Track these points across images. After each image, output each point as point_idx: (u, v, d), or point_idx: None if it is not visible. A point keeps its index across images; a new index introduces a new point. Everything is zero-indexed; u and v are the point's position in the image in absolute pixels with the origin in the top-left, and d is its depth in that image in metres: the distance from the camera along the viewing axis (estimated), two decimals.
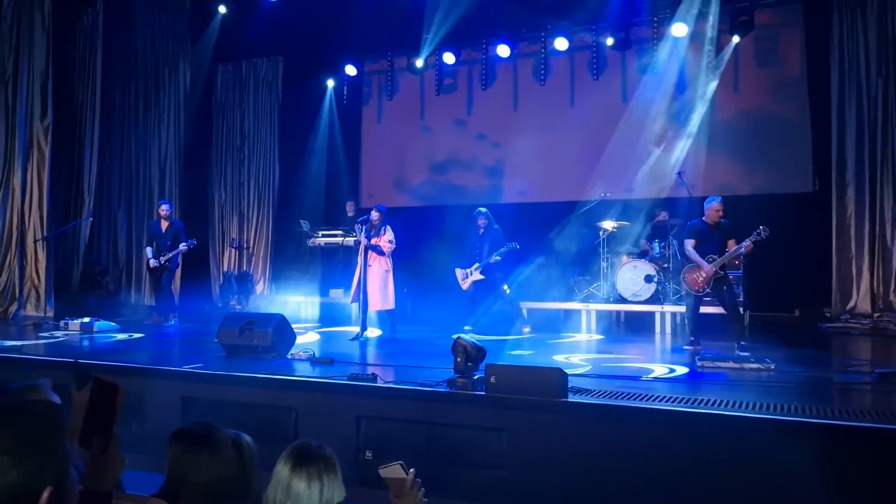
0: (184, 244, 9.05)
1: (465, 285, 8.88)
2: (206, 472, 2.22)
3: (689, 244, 6.86)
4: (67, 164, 11.05)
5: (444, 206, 11.55)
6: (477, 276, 8.77)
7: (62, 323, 8.42)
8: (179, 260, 9.44)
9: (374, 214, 7.77)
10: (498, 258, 8.59)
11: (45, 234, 9.88)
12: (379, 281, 7.70)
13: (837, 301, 9.11)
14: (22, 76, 9.94)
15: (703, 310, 8.75)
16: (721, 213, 6.81)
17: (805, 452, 3.54)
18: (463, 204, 11.33)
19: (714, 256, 6.68)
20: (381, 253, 7.74)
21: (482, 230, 8.87)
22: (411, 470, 2.27)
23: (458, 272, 8.98)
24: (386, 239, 7.74)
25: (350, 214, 11.63)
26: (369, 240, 7.70)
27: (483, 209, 9.02)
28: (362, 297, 7.65)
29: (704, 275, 6.68)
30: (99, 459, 1.71)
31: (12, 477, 0.93)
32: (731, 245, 6.67)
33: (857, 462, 3.52)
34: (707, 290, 6.76)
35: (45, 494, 0.95)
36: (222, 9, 11.83)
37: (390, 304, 7.83)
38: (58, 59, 10.31)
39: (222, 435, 2.37)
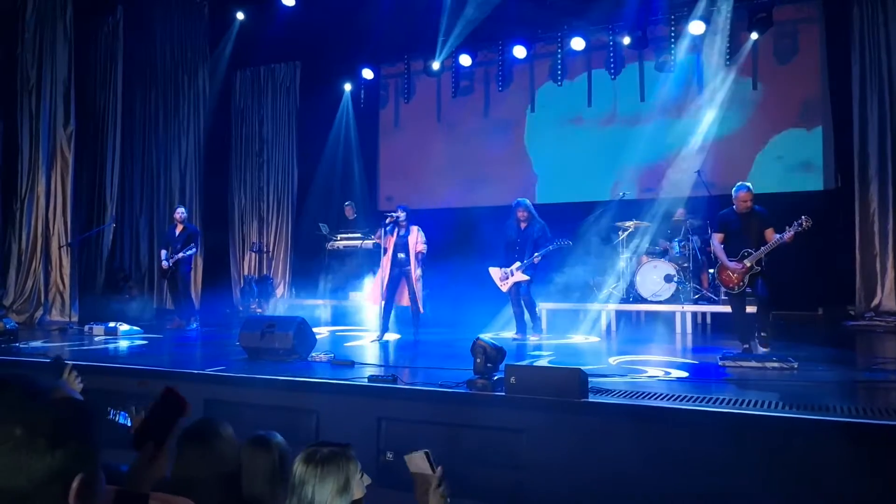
0: (189, 249, 9.18)
1: (504, 287, 7.97)
2: (206, 467, 2.25)
3: (716, 239, 6.24)
4: (90, 171, 11.21)
5: (463, 207, 11.55)
6: (520, 276, 7.83)
7: (86, 328, 8.52)
8: (192, 264, 9.54)
9: (401, 214, 7.81)
10: (539, 257, 7.80)
11: (69, 240, 10.02)
12: (418, 283, 7.88)
13: (861, 299, 8.99)
14: (45, 85, 10.08)
15: (718, 309, 8.69)
16: (749, 203, 6.09)
17: (831, 452, 3.50)
18: (481, 206, 11.33)
19: (749, 251, 5.98)
20: (421, 257, 7.87)
21: (524, 224, 7.95)
22: (438, 468, 2.15)
23: (496, 271, 8.06)
24: (422, 241, 7.84)
25: (350, 217, 11.57)
26: (406, 240, 7.77)
27: (524, 200, 8.16)
28: (385, 298, 7.71)
29: (736, 271, 6.01)
30: (146, 464, 1.74)
31: (48, 462, 0.95)
32: (770, 235, 5.91)
33: (885, 461, 3.47)
34: (744, 286, 6.05)
35: (76, 483, 0.97)
36: (240, 15, 11.96)
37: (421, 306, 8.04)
38: (79, 67, 10.46)
39: (225, 433, 2.39)
